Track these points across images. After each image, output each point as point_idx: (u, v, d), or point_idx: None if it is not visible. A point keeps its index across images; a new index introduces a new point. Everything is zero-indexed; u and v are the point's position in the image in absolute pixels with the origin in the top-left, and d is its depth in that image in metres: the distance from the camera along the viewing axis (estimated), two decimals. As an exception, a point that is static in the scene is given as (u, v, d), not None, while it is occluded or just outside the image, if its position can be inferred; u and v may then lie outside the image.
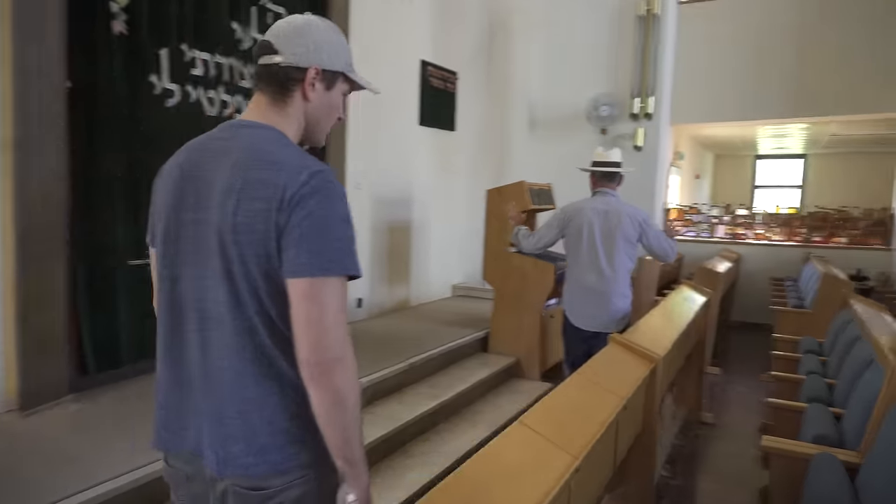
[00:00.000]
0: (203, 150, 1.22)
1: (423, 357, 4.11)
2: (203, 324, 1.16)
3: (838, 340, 3.46)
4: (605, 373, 2.19)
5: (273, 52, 1.22)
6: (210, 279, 1.15)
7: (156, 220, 1.25)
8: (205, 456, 1.17)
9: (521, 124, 8.31)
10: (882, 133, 9.16)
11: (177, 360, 1.20)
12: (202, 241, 1.15)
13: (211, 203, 1.14)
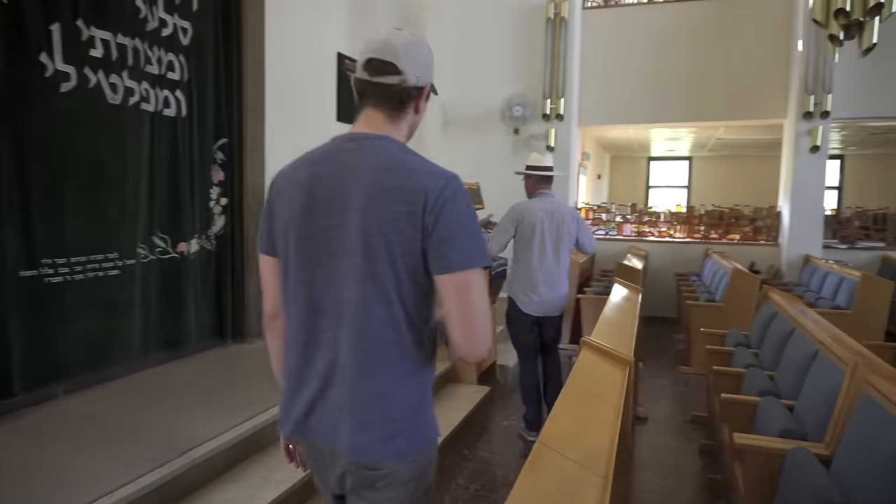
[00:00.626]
0: (330, 161, 1.30)
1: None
2: (338, 320, 1.26)
3: (768, 334, 3.62)
4: (591, 381, 2.10)
5: (396, 73, 1.29)
6: (348, 278, 1.24)
7: (279, 227, 1.32)
8: (333, 441, 1.28)
9: (434, 123, 8.20)
10: (764, 138, 9.97)
11: (312, 355, 1.30)
12: (337, 244, 1.25)
13: (347, 208, 1.23)
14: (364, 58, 1.32)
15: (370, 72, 1.30)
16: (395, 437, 1.27)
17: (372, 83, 1.30)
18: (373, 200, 1.21)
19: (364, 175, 1.24)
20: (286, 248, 1.31)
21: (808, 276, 6.84)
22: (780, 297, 3.87)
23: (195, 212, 3.95)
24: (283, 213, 1.32)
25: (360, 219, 1.22)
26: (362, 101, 1.34)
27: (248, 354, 4.11)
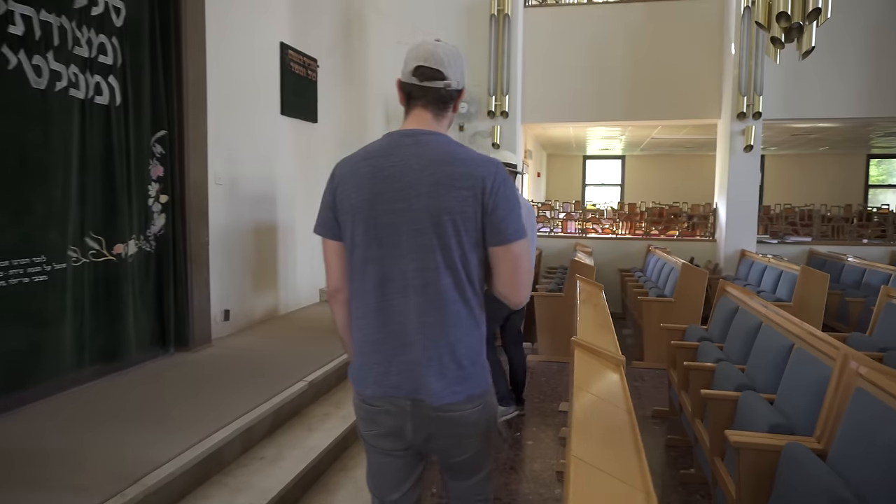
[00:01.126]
0: (392, 154, 1.49)
1: (321, 373, 3.63)
2: (406, 290, 1.46)
3: (733, 329, 3.66)
4: (597, 385, 2.00)
5: (442, 79, 1.51)
6: (420, 252, 1.45)
7: (346, 214, 1.51)
8: (414, 392, 1.48)
9: (378, 120, 7.98)
10: (694, 137, 10.33)
11: (384, 322, 1.49)
12: (403, 225, 1.45)
13: (412, 194, 1.44)
14: (413, 65, 1.52)
15: (419, 77, 1.51)
16: (465, 381, 1.50)
17: (421, 87, 1.52)
18: (439, 187, 1.44)
19: (426, 166, 1.45)
20: (353, 232, 1.51)
21: (745, 270, 7.10)
22: (739, 292, 3.94)
23: (132, 210, 3.59)
24: (350, 201, 1.50)
25: (427, 203, 1.44)
26: (411, 101, 1.55)
27: (193, 364, 3.78)
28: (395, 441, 1.56)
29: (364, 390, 1.53)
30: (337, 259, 1.58)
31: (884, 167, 13.91)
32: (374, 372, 1.51)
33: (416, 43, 1.56)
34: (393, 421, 1.52)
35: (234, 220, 4.67)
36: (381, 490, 1.65)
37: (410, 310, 1.47)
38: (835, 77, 7.45)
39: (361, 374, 1.54)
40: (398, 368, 1.49)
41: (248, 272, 4.87)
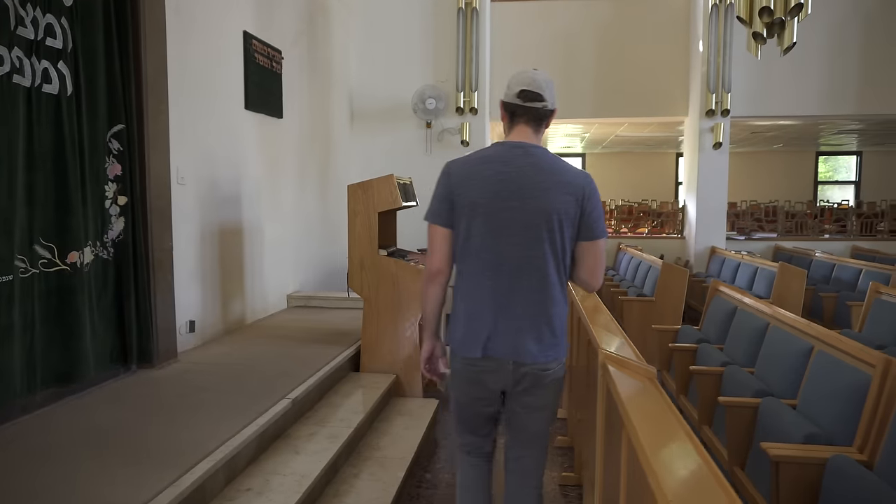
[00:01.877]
0: (507, 161, 1.84)
1: (303, 390, 3.34)
2: (519, 273, 1.84)
3: (733, 330, 3.56)
4: (645, 405, 1.81)
5: (541, 101, 1.85)
6: (530, 243, 1.83)
7: (463, 207, 1.84)
8: (515, 354, 1.85)
9: (343, 115, 7.66)
10: (656, 135, 10.39)
11: (494, 297, 1.85)
12: (517, 220, 1.82)
13: (526, 196, 1.81)
14: (517, 88, 1.86)
15: (523, 98, 1.85)
16: (556, 347, 1.90)
17: (524, 107, 1.86)
18: (549, 192, 1.81)
19: (538, 173, 1.82)
20: (470, 223, 1.84)
21: (716, 267, 7.12)
22: (735, 292, 3.85)
23: (87, 213, 3.21)
24: (470, 197, 1.84)
25: (541, 204, 1.81)
26: (515, 118, 1.89)
27: (159, 383, 3.42)
28: (490, 396, 1.93)
29: (471, 354, 1.86)
30: (445, 244, 1.90)
31: (830, 164, 14.42)
32: (482, 339, 1.85)
33: (517, 70, 1.91)
34: (494, 377, 1.88)
35: (199, 223, 4.30)
36: (477, 435, 2.05)
37: (520, 288, 1.84)
38: (799, 76, 7.57)
39: (468, 341, 1.87)
40: (504, 335, 1.85)
41: (213, 279, 4.50)
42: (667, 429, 1.57)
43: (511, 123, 1.91)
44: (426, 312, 2.01)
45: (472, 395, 1.95)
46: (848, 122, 10.12)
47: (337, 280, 7.18)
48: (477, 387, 1.92)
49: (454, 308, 1.92)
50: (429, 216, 1.91)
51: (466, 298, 1.88)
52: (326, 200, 6.94)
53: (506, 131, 1.94)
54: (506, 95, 1.89)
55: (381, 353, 4.20)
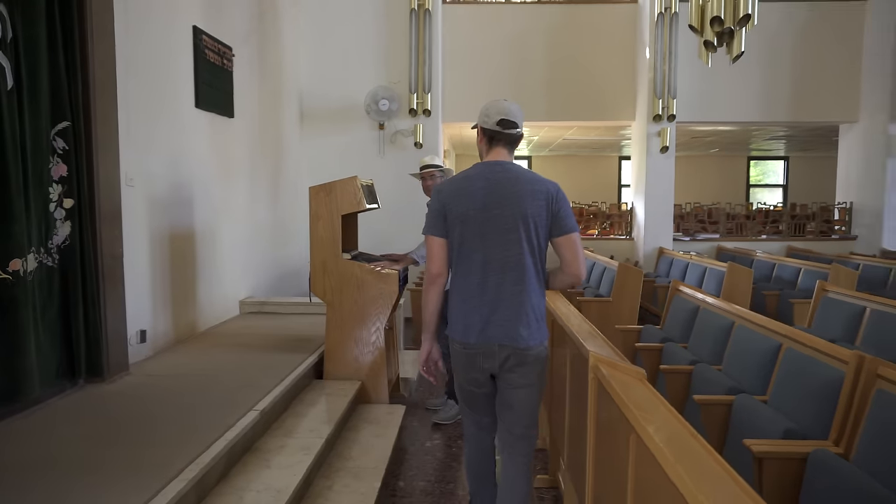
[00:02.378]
0: (489, 178, 2.21)
1: (269, 400, 3.19)
2: (503, 269, 2.17)
3: (697, 329, 3.65)
4: (642, 403, 1.80)
5: (516, 128, 2.24)
6: (510, 244, 2.17)
7: (454, 218, 2.20)
8: (504, 339, 2.19)
9: (293, 116, 7.47)
10: (601, 139, 10.63)
11: (484, 292, 2.19)
12: (501, 225, 2.16)
13: (506, 204, 2.17)
14: (497, 118, 2.20)
15: (502, 126, 2.21)
16: (539, 330, 2.22)
17: (503, 133, 2.22)
18: (524, 198, 2.15)
19: (513, 184, 2.17)
20: (462, 231, 2.18)
21: (665, 267, 7.34)
22: (696, 292, 3.96)
23: (30, 218, 2.96)
24: (459, 210, 2.18)
25: (517, 210, 2.14)
26: (494, 142, 2.25)
27: (112, 398, 3.20)
28: (482, 377, 2.26)
29: (468, 340, 2.21)
30: (442, 251, 2.25)
31: (760, 168, 15.18)
32: (477, 327, 2.19)
33: (493, 101, 2.26)
34: (486, 360, 2.21)
35: (148, 227, 4.07)
36: (470, 405, 2.37)
37: (505, 282, 2.17)
38: (738, 84, 7.90)
39: (466, 329, 2.21)
40: (495, 323, 2.18)
41: (164, 285, 4.27)
42: (674, 431, 1.56)
43: (490, 146, 2.27)
44: (427, 314, 2.31)
45: (469, 376, 2.28)
46: (778, 129, 10.70)
47: (288, 284, 6.98)
48: (472, 368, 2.25)
49: (451, 304, 2.28)
50: (427, 230, 2.28)
51: (463, 294, 2.22)
52: (277, 203, 6.74)
53: (484, 152, 2.30)
54: (484, 122, 2.24)
55: (345, 359, 4.08)
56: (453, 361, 2.29)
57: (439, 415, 4.16)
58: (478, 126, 2.28)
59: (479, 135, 2.29)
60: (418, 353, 5.42)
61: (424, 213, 4.44)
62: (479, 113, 2.28)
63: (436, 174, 4.16)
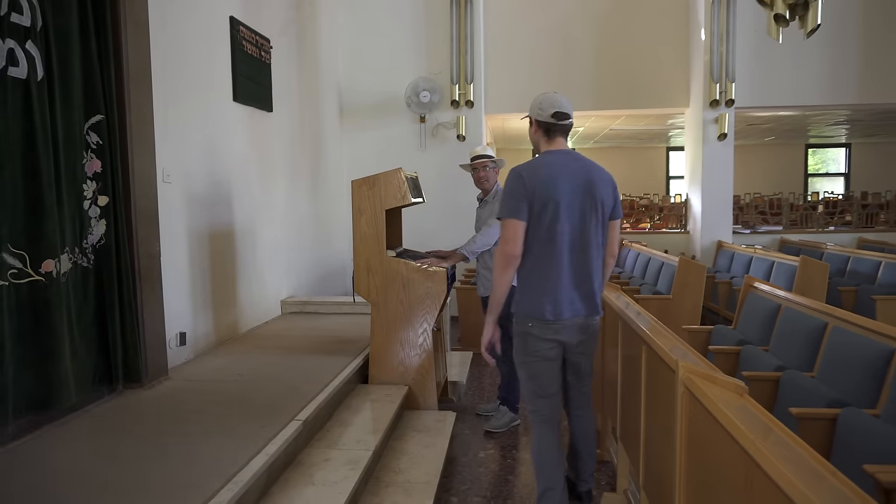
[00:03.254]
0: (568, 164, 2.41)
1: (313, 409, 2.98)
2: (584, 249, 2.41)
3: (781, 331, 3.29)
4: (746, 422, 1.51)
5: (569, 119, 2.45)
6: (592, 227, 2.41)
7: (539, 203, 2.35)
8: (585, 312, 2.45)
9: (333, 110, 7.29)
10: (648, 128, 10.16)
11: (570, 270, 2.40)
12: (583, 209, 2.38)
13: (588, 189, 2.39)
14: (552, 110, 2.41)
15: (557, 118, 2.42)
16: (600, 305, 2.56)
17: (559, 124, 2.44)
18: (598, 185, 2.42)
19: (586, 173, 2.42)
20: (552, 214, 2.36)
21: (725, 262, 6.90)
22: (776, 289, 3.59)
23: (63, 216, 2.82)
24: (546, 193, 2.36)
25: (595, 196, 2.41)
26: (552, 133, 2.46)
27: (150, 405, 3.05)
28: (558, 350, 2.47)
29: (560, 316, 2.40)
30: (521, 235, 2.37)
31: (819, 156, 14.39)
32: (566, 303, 2.39)
33: (543, 94, 2.46)
34: (570, 333, 2.44)
35: (186, 225, 3.92)
36: (545, 387, 2.50)
37: (586, 261, 2.40)
38: (800, 65, 7.38)
39: (556, 306, 2.39)
40: (581, 298, 2.42)
41: (203, 285, 4.12)
42: (812, 470, 1.26)
43: (548, 136, 2.46)
44: (499, 295, 2.46)
45: (549, 356, 2.46)
46: (841, 114, 10.04)
47: (331, 283, 6.81)
48: (555, 346, 2.45)
49: (532, 285, 2.43)
50: (508, 213, 2.38)
51: (550, 275, 2.39)
52: (317, 199, 6.57)
53: (543, 142, 2.48)
54: (539, 115, 2.44)
55: (391, 362, 3.86)
56: (531, 343, 2.45)
57: (491, 422, 3.90)
58: (530, 118, 2.50)
59: (533, 126, 2.49)
60: (463, 355, 5.19)
61: (471, 209, 4.23)
62: (531, 106, 2.48)
63: (489, 165, 3.91)
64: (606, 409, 3.31)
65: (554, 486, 2.52)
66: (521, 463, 3.44)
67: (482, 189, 3.99)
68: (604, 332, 3.15)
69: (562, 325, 2.40)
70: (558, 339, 2.43)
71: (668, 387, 2.04)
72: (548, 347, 2.44)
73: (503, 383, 3.96)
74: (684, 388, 1.84)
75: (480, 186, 3.98)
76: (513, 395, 3.89)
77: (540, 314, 2.40)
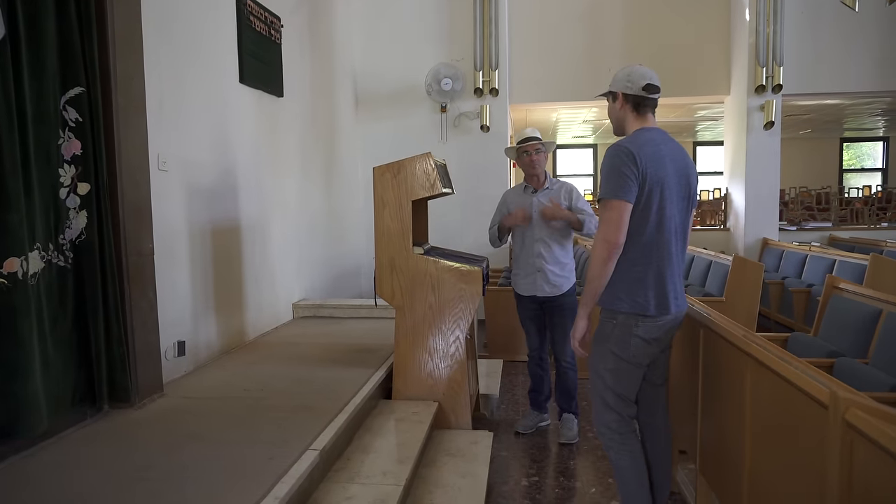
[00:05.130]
0: (667, 143, 2.18)
1: (331, 435, 2.50)
2: (684, 237, 2.25)
3: (882, 339, 2.77)
4: None
5: (658, 92, 2.20)
6: (686, 211, 2.24)
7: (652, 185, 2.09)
8: (684, 306, 2.26)
9: (348, 99, 6.82)
10: (676, 121, 9.62)
11: (672, 260, 2.17)
12: (683, 192, 2.20)
13: (685, 171, 2.20)
14: (643, 82, 2.17)
15: (648, 91, 2.18)
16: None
17: (650, 98, 2.19)
18: (691, 168, 2.25)
19: (683, 155, 2.24)
20: (661, 197, 2.12)
21: (773, 261, 6.35)
22: (868, 290, 3.07)
23: (33, 206, 2.36)
24: (658, 174, 2.10)
25: (691, 178, 2.23)
26: (642, 108, 2.21)
27: (142, 428, 2.58)
28: (658, 353, 2.26)
29: (666, 312, 2.16)
30: (627, 219, 2.10)
31: (854, 150, 13.73)
32: (672, 296, 2.18)
33: (629, 66, 2.25)
34: (672, 329, 2.25)
35: (186, 219, 3.46)
36: (631, 391, 2.26)
37: (685, 250, 2.29)
38: (851, 48, 6.81)
39: (660, 301, 2.16)
40: (681, 291, 2.24)
41: (205, 288, 3.66)
42: None
43: (638, 112, 2.20)
44: (597, 287, 2.16)
45: (650, 356, 2.22)
46: (881, 104, 9.44)
47: (346, 284, 6.35)
48: (658, 344, 2.22)
49: (633, 275, 2.15)
50: (615, 193, 2.07)
51: (658, 264, 2.15)
52: (332, 194, 6.11)
53: (632, 120, 2.21)
54: (628, 89, 2.19)
55: (419, 375, 3.37)
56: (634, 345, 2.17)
57: (521, 423, 3.75)
58: (616, 93, 2.24)
59: (619, 102, 2.24)
60: (491, 363, 4.69)
61: (495, 204, 3.77)
62: (616, 80, 2.24)
63: (540, 148, 3.47)
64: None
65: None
66: (573, 494, 2.95)
67: (533, 175, 3.50)
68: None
69: (670, 322, 2.19)
70: (666, 338, 2.23)
71: (806, 424, 1.54)
72: (656, 350, 2.22)
73: (567, 388, 3.56)
74: (846, 427, 1.34)
75: (530, 172, 3.50)
76: (575, 401, 3.62)
77: (646, 310, 2.13)
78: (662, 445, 2.40)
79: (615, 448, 2.28)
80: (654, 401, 2.38)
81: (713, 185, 9.49)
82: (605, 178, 2.13)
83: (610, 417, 2.27)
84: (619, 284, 2.17)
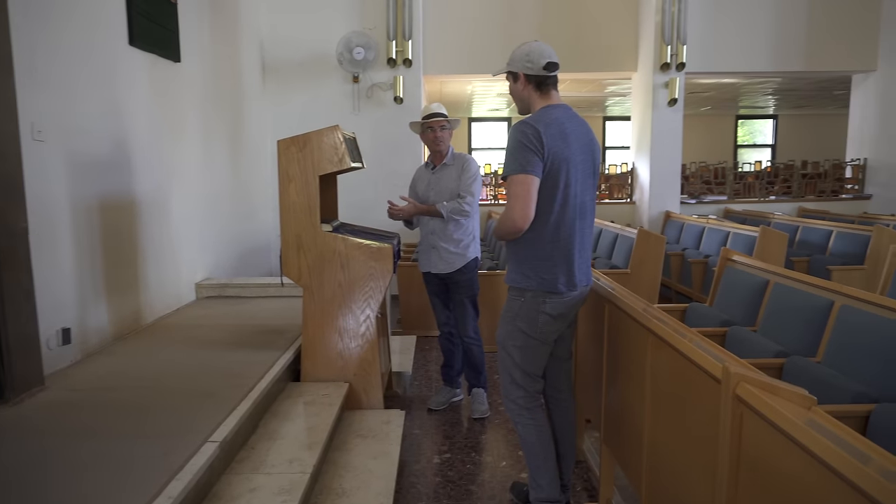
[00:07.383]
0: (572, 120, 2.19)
1: (233, 425, 2.38)
2: (588, 214, 2.27)
3: (770, 309, 2.95)
4: (839, 443, 1.07)
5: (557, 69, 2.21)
6: (591, 189, 2.26)
7: (556, 162, 2.10)
8: (588, 281, 2.32)
9: (254, 68, 6.48)
10: (591, 95, 9.85)
11: (579, 237, 2.21)
12: (588, 169, 2.22)
13: (590, 148, 2.23)
14: (544, 61, 2.17)
15: (549, 69, 2.19)
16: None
17: (552, 76, 2.21)
18: (595, 145, 2.28)
19: (588, 132, 2.26)
20: (567, 174, 2.14)
21: (674, 233, 6.67)
22: (758, 262, 3.26)
23: None
24: (563, 152, 2.12)
25: (595, 156, 2.27)
26: (544, 86, 2.21)
27: (16, 425, 2.35)
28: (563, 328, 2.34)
29: (573, 288, 2.22)
30: (535, 194, 2.10)
31: (747, 127, 14.63)
32: (579, 272, 2.24)
33: (527, 44, 2.23)
34: (578, 304, 2.31)
35: (70, 195, 3.16)
36: (539, 366, 2.33)
37: (586, 227, 2.26)
38: (749, 30, 7.17)
39: (569, 277, 2.20)
40: (587, 267, 2.30)
41: (94, 269, 3.38)
42: None
43: (541, 91, 2.21)
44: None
45: (557, 331, 2.29)
46: (771, 84, 10.07)
47: (254, 262, 6.11)
48: (564, 320, 2.29)
49: (540, 253, 2.17)
50: (522, 167, 2.06)
51: (564, 243, 2.17)
52: (239, 167, 5.81)
53: (536, 98, 2.22)
54: (529, 69, 2.18)
55: (328, 356, 3.29)
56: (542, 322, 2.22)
57: (433, 399, 3.76)
58: (516, 73, 2.22)
59: (521, 82, 2.22)
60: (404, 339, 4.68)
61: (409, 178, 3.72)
62: (514, 59, 2.22)
63: (445, 125, 3.42)
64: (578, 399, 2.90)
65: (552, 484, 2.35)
66: (484, 468, 2.99)
67: (436, 151, 3.47)
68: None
69: (576, 297, 2.24)
70: (572, 313, 2.29)
71: (701, 396, 1.60)
72: (562, 326, 2.28)
73: (474, 363, 3.59)
74: (736, 401, 1.40)
75: (434, 148, 3.46)
76: (483, 376, 3.66)
77: (553, 287, 2.17)
78: (568, 418, 2.49)
79: (522, 423, 2.34)
80: (559, 375, 2.47)
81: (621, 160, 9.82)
82: (510, 154, 2.11)
83: (517, 394, 2.33)
84: (527, 262, 2.20)
